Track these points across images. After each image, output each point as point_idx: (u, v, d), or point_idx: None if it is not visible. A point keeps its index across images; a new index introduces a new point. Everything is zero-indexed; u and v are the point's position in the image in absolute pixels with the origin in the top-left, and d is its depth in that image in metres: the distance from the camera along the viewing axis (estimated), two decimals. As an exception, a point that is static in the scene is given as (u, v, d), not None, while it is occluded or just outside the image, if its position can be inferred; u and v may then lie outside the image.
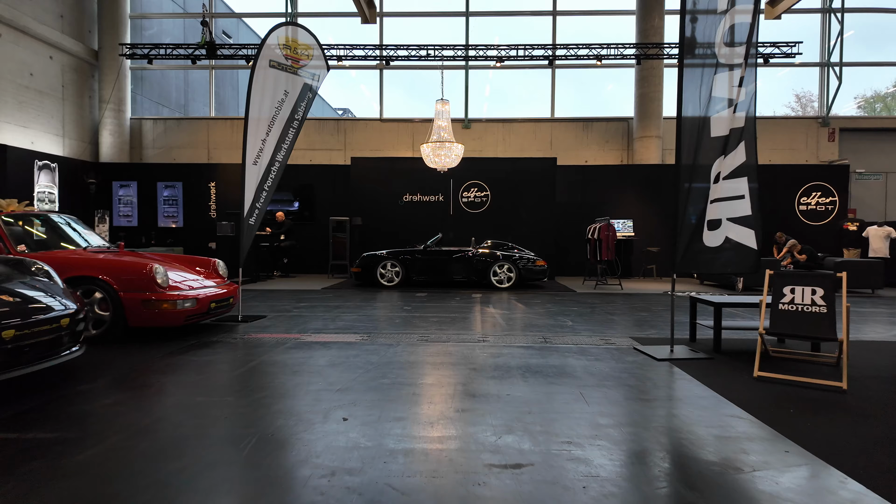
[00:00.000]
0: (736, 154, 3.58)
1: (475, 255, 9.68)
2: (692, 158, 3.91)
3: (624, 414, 2.89)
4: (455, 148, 10.53)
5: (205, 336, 4.96)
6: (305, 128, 14.09)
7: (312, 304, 7.28)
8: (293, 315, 6.33)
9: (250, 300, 7.68)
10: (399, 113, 13.97)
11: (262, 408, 2.92)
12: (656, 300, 8.22)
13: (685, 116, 3.82)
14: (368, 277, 9.70)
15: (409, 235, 11.93)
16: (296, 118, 6.49)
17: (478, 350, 4.40)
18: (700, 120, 3.87)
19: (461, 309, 6.98)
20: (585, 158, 13.77)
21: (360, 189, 12.32)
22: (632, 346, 4.59)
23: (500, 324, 5.79)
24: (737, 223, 3.63)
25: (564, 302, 7.84)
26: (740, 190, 3.59)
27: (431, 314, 6.45)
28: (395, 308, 7.02)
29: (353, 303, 7.51)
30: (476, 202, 12.14)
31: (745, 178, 3.56)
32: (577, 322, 5.95)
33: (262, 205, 6.21)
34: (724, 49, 3.77)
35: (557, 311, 6.80)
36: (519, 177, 12.16)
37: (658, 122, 13.17)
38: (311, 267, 12.89)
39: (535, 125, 13.91)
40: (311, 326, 5.51)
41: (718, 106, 3.68)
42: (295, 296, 8.36)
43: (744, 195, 3.58)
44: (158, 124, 14.30)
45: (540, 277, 9.69)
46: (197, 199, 13.16)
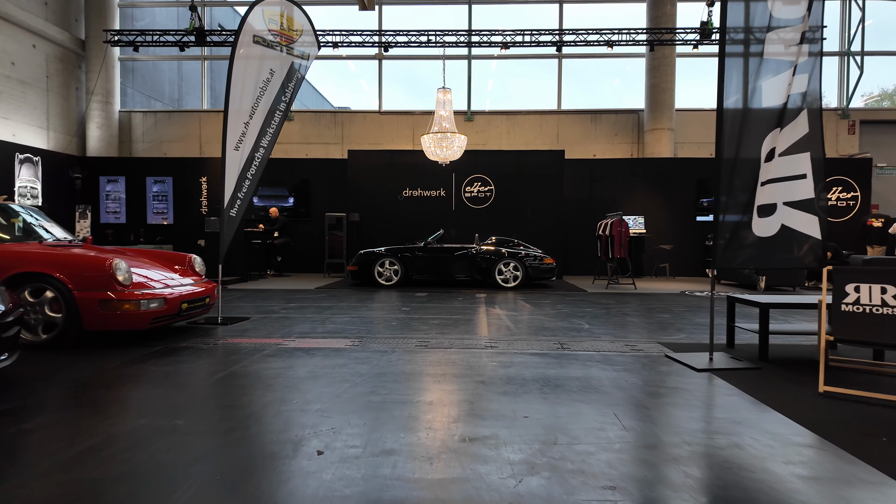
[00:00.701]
0: (796, 125, 2.98)
1: (479, 252, 9.08)
2: (738, 132, 3.30)
3: (674, 445, 2.29)
4: (457, 139, 9.93)
5: (174, 341, 4.37)
6: (301, 121, 13.53)
7: (303, 305, 6.69)
8: (279, 317, 5.74)
9: (237, 300, 7.10)
10: (399, 107, 13.38)
11: (218, 436, 2.32)
12: (675, 300, 7.61)
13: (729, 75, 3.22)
14: (365, 276, 9.11)
15: (408, 232, 11.34)
16: (283, 100, 5.89)
17: (485, 358, 3.80)
18: (747, 88, 3.27)
19: (464, 310, 6.38)
20: (594, 152, 13.16)
21: (358, 184, 11.73)
22: (663, 354, 3.99)
23: (509, 326, 5.19)
24: (796, 208, 3.03)
25: (576, 302, 7.23)
26: (801, 168, 2.98)
27: (432, 316, 5.85)
28: (393, 309, 6.43)
29: (346, 303, 6.92)
30: (479, 197, 11.54)
31: (808, 153, 2.96)
32: (594, 325, 5.35)
33: (244, 195, 5.62)
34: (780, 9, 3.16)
35: (570, 313, 6.19)
36: (525, 171, 11.56)
37: (670, 113, 12.56)
38: (307, 265, 12.30)
39: (541, 118, 13.31)
40: (297, 330, 4.91)
41: (772, 69, 3.09)
42: (285, 296, 7.77)
43: (805, 174, 2.97)
44: (148, 117, 13.73)
45: (548, 276, 9.09)
46: (188, 195, 12.58)
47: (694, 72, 13.92)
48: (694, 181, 12.24)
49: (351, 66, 14.53)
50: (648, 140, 12.74)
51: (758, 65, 3.18)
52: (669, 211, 12.27)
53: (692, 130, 13.21)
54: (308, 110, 13.59)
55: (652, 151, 12.62)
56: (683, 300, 7.66)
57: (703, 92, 19.54)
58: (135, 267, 4.44)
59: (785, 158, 3.04)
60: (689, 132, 13.18)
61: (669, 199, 12.25)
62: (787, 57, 3.00)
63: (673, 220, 12.26)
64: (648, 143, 12.74)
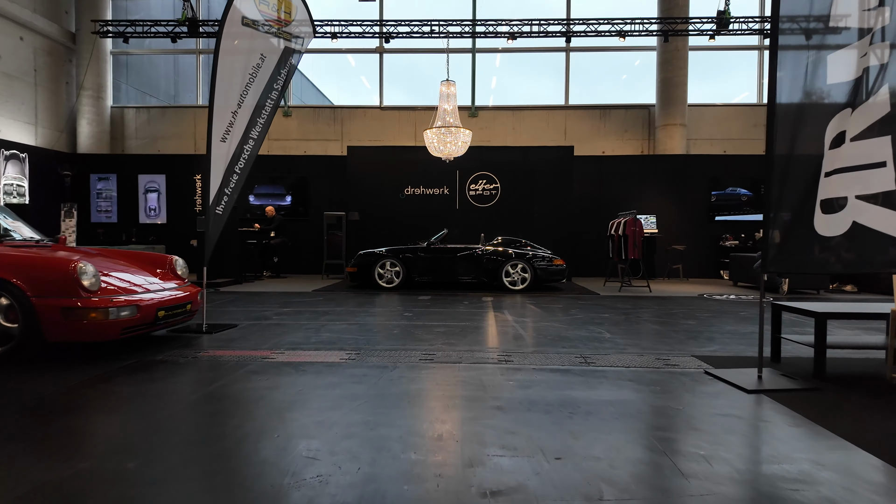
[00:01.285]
0: (873, 104, 2.50)
1: (485, 253, 8.60)
2: (794, 114, 2.82)
3: (749, 500, 1.81)
4: (462, 134, 9.46)
5: (150, 353, 3.90)
6: (299, 116, 13.06)
7: (297, 310, 6.22)
8: (271, 324, 5.27)
9: (227, 304, 6.63)
10: (400, 104, 12.92)
11: (172, 487, 1.85)
12: (695, 305, 7.13)
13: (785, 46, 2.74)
14: (365, 278, 8.64)
15: (410, 232, 10.87)
16: (274, 88, 5.42)
17: (500, 375, 3.33)
18: (808, 62, 2.79)
19: (472, 316, 5.90)
20: (602, 149, 12.67)
21: (358, 182, 11.26)
22: (702, 370, 3.50)
23: (522, 336, 4.71)
24: (871, 202, 2.56)
25: (591, 307, 6.75)
26: (879, 154, 2.50)
27: (437, 322, 5.38)
28: (394, 314, 5.95)
29: (345, 308, 6.45)
30: (485, 195, 11.06)
31: (889, 136, 2.49)
32: (616, 333, 4.87)
33: (232, 191, 5.15)
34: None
35: (586, 319, 5.71)
36: (532, 168, 11.08)
37: (682, 108, 12.07)
38: (305, 266, 11.84)
39: (548, 113, 12.82)
40: (289, 340, 4.44)
41: (841, 38, 2.62)
42: (280, 299, 7.30)
43: (885, 162, 2.49)
44: (142, 113, 13.27)
45: (558, 279, 8.60)
46: (182, 193, 12.12)
47: (706, 67, 13.43)
48: (708, 179, 11.75)
49: (351, 62, 14.04)
50: (660, 136, 12.26)
51: (822, 35, 2.70)
52: (682, 210, 11.78)
53: (705, 126, 12.72)
54: (306, 105, 13.14)
55: (664, 148, 12.14)
56: (704, 304, 7.17)
57: (716, 87, 19.05)
58: (106, 270, 3.97)
59: (858, 144, 2.56)
60: (701, 128, 12.69)
61: (682, 197, 11.76)
62: (863, 23, 2.52)
63: (686, 219, 11.78)
64: (660, 140, 12.26)
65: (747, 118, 12.69)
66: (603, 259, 11.14)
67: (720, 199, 11.78)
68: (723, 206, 11.78)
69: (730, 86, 17.02)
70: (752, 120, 12.68)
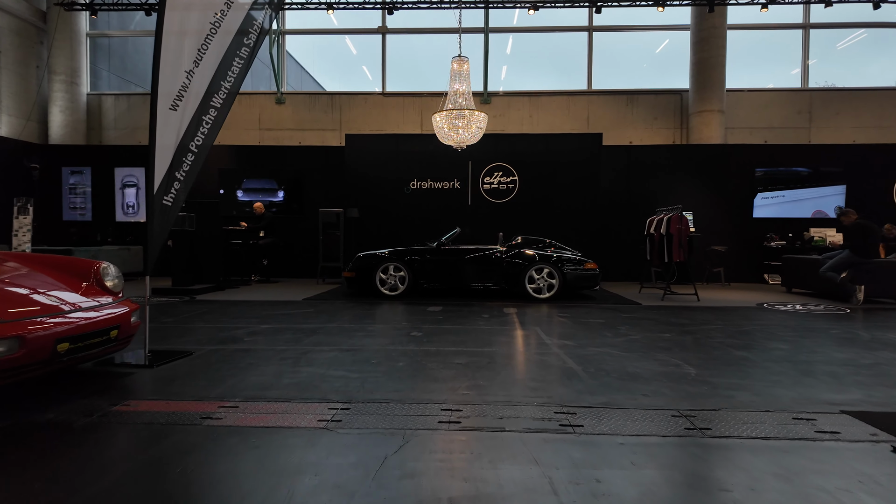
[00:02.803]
0: None
1: (504, 255, 7.36)
2: None
3: None
4: (476, 118, 8.21)
5: (42, 404, 2.67)
6: (293, 104, 11.85)
7: (278, 328, 4.99)
8: (238, 350, 4.04)
9: (195, 319, 5.41)
10: (404, 89, 11.68)
11: None
12: (766, 319, 5.86)
13: None
14: (365, 284, 7.42)
15: (417, 231, 9.67)
16: (245, 44, 4.19)
17: (573, 459, 2.08)
18: None
19: (497, 336, 4.67)
20: (630, 138, 11.41)
21: (357, 174, 10.05)
22: (874, 437, 2.25)
23: (575, 372, 3.46)
24: None
25: (640, 322, 5.50)
26: None
27: (454, 347, 4.14)
28: (399, 334, 4.71)
29: (337, 323, 5.21)
30: (501, 190, 9.82)
31: None
32: (698, 366, 3.62)
33: (186, 175, 3.92)
34: None
35: (645, 342, 4.46)
36: (555, 158, 9.84)
37: (720, 93, 10.80)
38: (299, 269, 10.62)
39: (569, 99, 11.56)
40: (252, 380, 3.20)
41: None
42: (263, 311, 6.08)
43: None
44: (121, 101, 12.08)
45: (590, 285, 7.35)
46: (162, 188, 10.90)
47: (743, 48, 12.13)
48: (750, 171, 10.47)
49: (351, 48, 12.83)
50: (694, 124, 10.99)
51: None
52: (721, 206, 10.51)
53: (743, 114, 11.43)
54: (301, 92, 11.94)
55: (699, 137, 10.87)
56: (775, 318, 5.90)
57: (754, 71, 17.62)
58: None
59: None
60: (739, 116, 11.41)
61: (720, 192, 10.49)
62: None
63: (725, 216, 10.51)
64: (694, 128, 10.98)
65: (791, 104, 11.40)
66: (636, 261, 9.91)
67: (769, 176, 10.35)
68: (773, 181, 10.39)
69: (769, 69, 15.64)
70: (796, 106, 11.40)
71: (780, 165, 10.44)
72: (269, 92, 11.89)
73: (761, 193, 10.45)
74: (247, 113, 11.86)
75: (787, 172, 10.41)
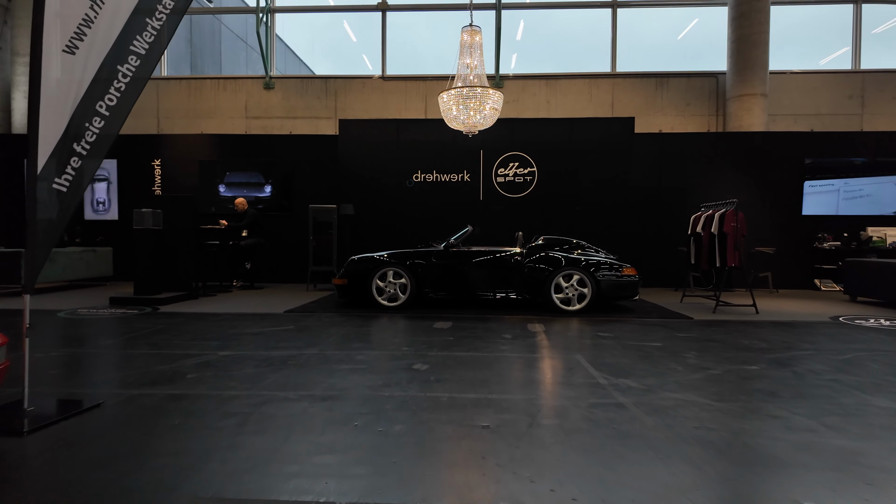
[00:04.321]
0: None
1: (525, 258, 6.17)
2: None
3: None
4: (490, 97, 7.01)
5: None
6: (283, 89, 10.69)
7: (240, 355, 3.81)
8: (169, 396, 2.86)
9: (139, 340, 4.23)
10: (407, 73, 10.50)
11: None
12: (861, 339, 4.63)
13: None
14: (359, 293, 6.24)
15: (421, 231, 8.51)
16: (149, 24, 2.98)
17: None
18: None
19: (530, 371, 3.47)
20: (659, 125, 10.21)
21: (353, 165, 8.88)
22: None
23: (665, 448, 2.27)
24: None
25: (707, 346, 4.29)
26: None
27: (473, 392, 2.95)
28: (396, 368, 3.52)
29: (319, 348, 4.03)
30: (517, 183, 8.63)
31: None
32: (840, 428, 2.42)
33: (92, 149, 2.74)
34: None
35: (734, 381, 3.26)
36: (579, 147, 8.64)
37: (763, 74, 9.56)
38: (290, 273, 9.46)
39: (591, 83, 10.36)
40: (151, 476, 2.02)
41: None
42: (231, 328, 4.91)
43: None
44: (94, 86, 10.92)
45: (628, 294, 6.13)
46: (137, 183, 9.79)
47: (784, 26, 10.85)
48: (797, 163, 9.24)
49: (350, 35, 11.67)
50: (732, 109, 9.76)
51: None
52: (765, 203, 9.28)
53: (787, 99, 10.21)
54: (292, 76, 10.77)
55: (738, 124, 9.64)
56: (867, 337, 4.68)
57: (800, 50, 16.21)
58: None
59: None
60: (782, 101, 10.18)
61: (765, 186, 9.26)
62: None
63: (770, 214, 9.28)
64: (732, 114, 9.76)
65: (840, 88, 10.16)
66: (670, 264, 8.72)
67: (818, 165, 9.12)
68: (825, 169, 9.15)
69: (814, 49, 14.17)
70: (846, 90, 10.16)
71: (832, 155, 9.19)
72: (257, 76, 10.74)
73: (809, 182, 9.17)
74: (232, 99, 10.71)
75: (840, 163, 9.16)
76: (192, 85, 10.81)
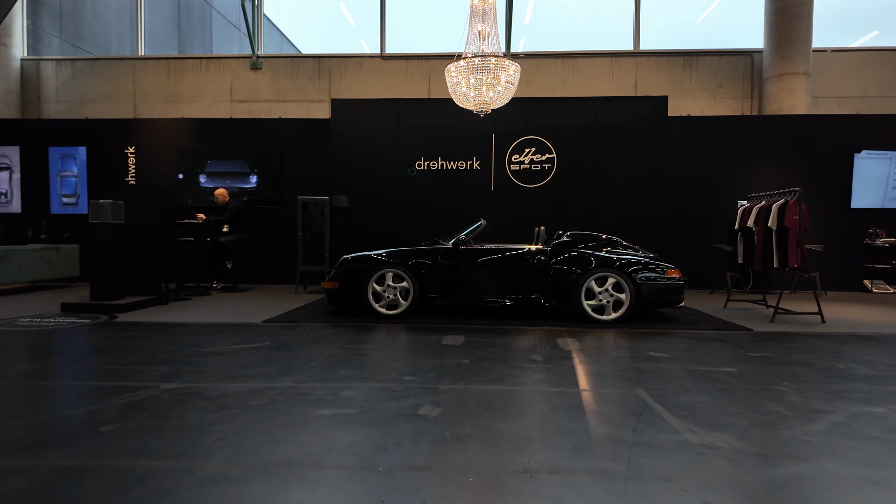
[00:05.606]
0: None
1: (549, 258, 5.20)
2: None
3: None
4: (506, 70, 6.03)
5: None
6: (272, 69, 9.70)
7: (187, 391, 2.85)
8: (61, 468, 1.89)
9: (71, 363, 3.26)
10: (409, 51, 9.51)
11: None
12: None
13: None
14: (353, 298, 5.28)
15: (425, 226, 7.56)
16: None
17: None
18: None
19: (579, 417, 2.50)
20: (687, 108, 9.21)
21: (347, 152, 7.90)
22: None
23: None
24: None
25: (794, 373, 3.32)
26: None
27: (508, 458, 1.98)
28: (396, 407, 2.55)
29: (293, 379, 3.06)
30: (534, 171, 7.65)
31: None
32: None
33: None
34: None
35: (873, 431, 2.30)
36: (604, 130, 7.66)
37: (806, 51, 8.56)
38: (278, 273, 8.50)
39: (612, 62, 9.36)
40: None
41: None
42: (192, 345, 3.94)
43: None
44: (64, 67, 9.97)
45: (672, 301, 5.15)
46: (108, 172, 8.82)
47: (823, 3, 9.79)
48: (846, 151, 8.24)
49: (349, 18, 10.67)
50: (771, 90, 8.76)
51: None
52: (812, 194, 8.29)
53: (829, 80, 9.21)
54: (282, 55, 9.78)
55: (778, 107, 8.65)
56: None
57: (845, 26, 15.02)
58: None
59: None
60: (824, 82, 9.18)
61: (808, 177, 8.27)
62: None
63: (814, 207, 8.29)
64: (771, 95, 8.76)
65: (891, 66, 9.16)
66: (702, 262, 7.77)
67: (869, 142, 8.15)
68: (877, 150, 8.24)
69: (858, 26, 12.98)
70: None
71: (888, 141, 8.20)
72: (243, 56, 9.75)
73: (864, 151, 8.16)
74: (215, 80, 9.72)
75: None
76: (172, 65, 9.82)
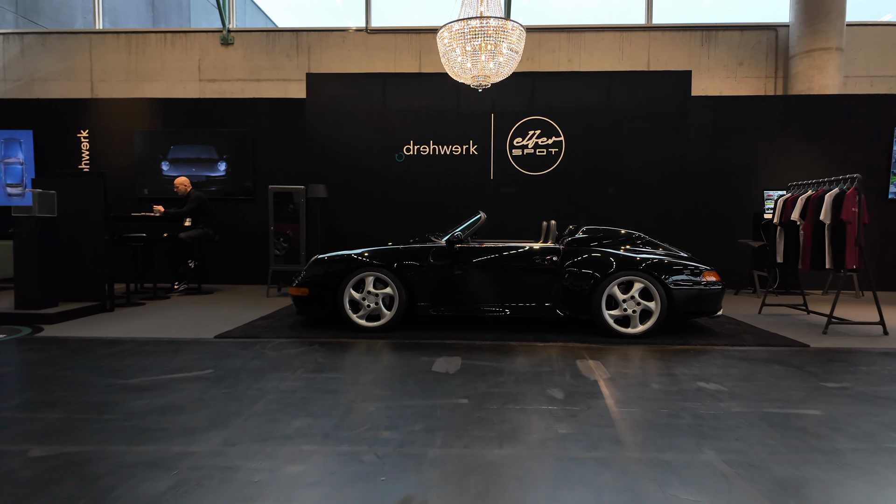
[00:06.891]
0: None
1: (562, 258, 4.32)
2: None
3: None
4: (508, 35, 5.10)
5: None
6: (245, 44, 8.70)
7: (63, 459, 1.95)
8: None
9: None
10: (397, 24, 8.54)
11: None
12: None
13: None
14: (326, 307, 4.38)
15: (413, 220, 6.68)
16: None
17: None
18: None
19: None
20: (705, 88, 8.34)
21: (325, 134, 6.96)
22: None
23: None
24: None
25: (889, 411, 2.48)
26: None
27: None
28: (364, 500, 1.68)
29: (225, 434, 2.16)
30: (539, 156, 6.76)
31: None
32: None
33: None
34: None
35: None
36: (619, 109, 6.76)
37: (840, 24, 7.70)
38: (251, 272, 7.59)
39: (622, 37, 8.45)
40: None
41: None
42: (112, 372, 3.04)
43: None
44: (12, 42, 8.93)
45: (708, 309, 4.29)
46: (59, 158, 7.84)
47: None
48: (887, 135, 7.41)
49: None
50: (800, 68, 7.89)
51: None
52: (843, 182, 7.45)
53: (863, 57, 8.35)
54: (255, 29, 8.79)
55: (807, 86, 7.79)
56: None
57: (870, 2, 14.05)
58: None
59: None
60: (857, 60, 8.33)
61: (842, 163, 7.43)
62: None
63: (848, 197, 7.45)
64: (799, 74, 7.89)
65: (929, 43, 8.32)
66: (729, 261, 6.95)
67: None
68: None
69: None
70: (934, 46, 8.32)
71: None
72: (213, 30, 8.75)
73: (900, 164, 7.36)
74: (182, 58, 8.72)
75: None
76: (134, 40, 8.81)
